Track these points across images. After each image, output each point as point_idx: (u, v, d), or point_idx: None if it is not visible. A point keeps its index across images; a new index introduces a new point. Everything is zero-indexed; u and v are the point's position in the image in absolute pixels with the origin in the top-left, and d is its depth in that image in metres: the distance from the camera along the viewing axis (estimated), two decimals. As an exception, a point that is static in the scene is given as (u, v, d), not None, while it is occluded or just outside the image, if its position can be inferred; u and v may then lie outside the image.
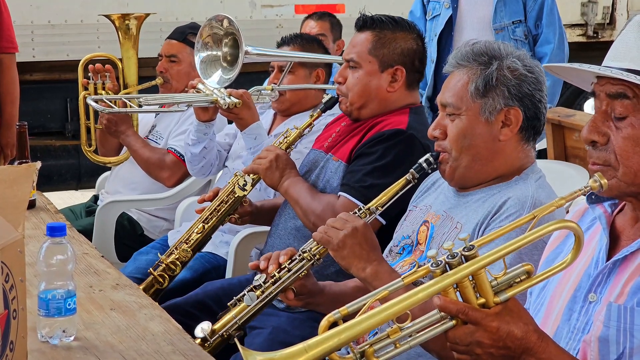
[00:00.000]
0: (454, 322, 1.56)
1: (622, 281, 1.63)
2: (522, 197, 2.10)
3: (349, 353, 1.57)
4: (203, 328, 2.28)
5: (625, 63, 1.62)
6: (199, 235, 3.08)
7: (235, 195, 3.02)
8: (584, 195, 1.64)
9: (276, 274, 2.27)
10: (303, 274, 2.26)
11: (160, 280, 3.08)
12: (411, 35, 2.88)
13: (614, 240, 1.71)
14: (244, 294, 2.32)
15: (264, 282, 2.28)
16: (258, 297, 2.29)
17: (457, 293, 1.56)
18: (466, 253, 1.54)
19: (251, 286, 2.31)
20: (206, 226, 3.07)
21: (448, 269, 1.54)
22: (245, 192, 3.01)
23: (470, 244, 1.54)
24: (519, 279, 1.57)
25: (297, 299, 2.29)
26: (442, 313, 1.56)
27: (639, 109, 1.61)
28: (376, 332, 1.62)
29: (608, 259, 1.68)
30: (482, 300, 1.55)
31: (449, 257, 1.54)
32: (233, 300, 2.37)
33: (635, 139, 1.62)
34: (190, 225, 3.13)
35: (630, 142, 1.62)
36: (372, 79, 2.84)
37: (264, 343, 2.62)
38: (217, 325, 2.35)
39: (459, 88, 2.19)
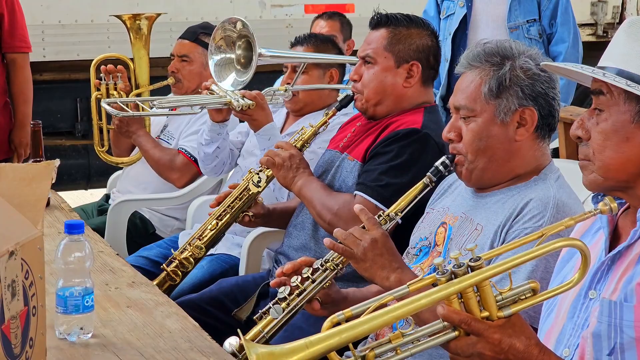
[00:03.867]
0: (456, 332, 1.56)
1: (617, 276, 1.65)
2: (545, 198, 2.09)
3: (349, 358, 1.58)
4: (231, 343, 2.28)
5: (609, 62, 1.68)
6: (213, 231, 3.08)
7: (250, 192, 3.03)
8: (594, 216, 1.64)
9: (300, 285, 2.27)
10: (327, 284, 2.27)
11: (174, 276, 3.09)
12: (425, 32, 2.88)
13: (617, 239, 1.72)
14: (270, 307, 2.30)
15: (289, 295, 2.28)
16: (284, 310, 2.28)
17: (462, 305, 1.57)
18: (472, 264, 1.54)
19: (276, 299, 2.30)
20: (220, 223, 3.07)
21: (454, 278, 1.54)
22: (260, 189, 3.02)
23: (477, 255, 1.55)
24: (524, 296, 1.58)
25: (321, 308, 2.29)
26: (445, 323, 1.57)
27: (611, 104, 1.65)
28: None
29: None
30: (485, 314, 1.56)
31: (455, 266, 1.54)
32: (259, 314, 2.36)
33: (605, 133, 1.65)
34: (204, 222, 3.14)
35: (602, 135, 1.66)
36: (388, 74, 2.84)
37: (279, 340, 2.62)
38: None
39: (472, 90, 2.18)
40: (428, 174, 2.28)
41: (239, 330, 1.72)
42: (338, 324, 1.57)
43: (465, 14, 4.38)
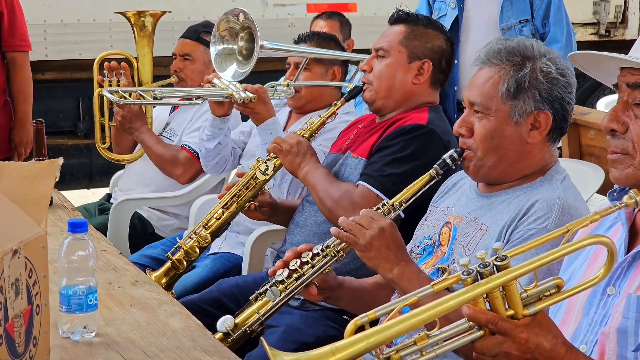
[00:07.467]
0: (481, 332, 1.54)
1: None
2: (550, 200, 2.09)
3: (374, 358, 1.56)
4: (226, 322, 2.27)
5: None
6: (219, 220, 3.06)
7: (257, 181, 3.02)
8: (620, 210, 1.61)
9: (299, 269, 2.26)
10: (326, 270, 2.26)
11: (178, 264, 3.07)
12: (442, 36, 2.92)
13: (634, 235, 1.71)
14: (267, 289, 2.30)
15: (287, 278, 2.27)
16: (281, 293, 2.28)
17: (487, 303, 1.55)
18: (498, 263, 1.52)
19: (274, 281, 2.30)
20: (226, 212, 3.06)
21: (479, 278, 1.53)
22: (267, 177, 3.00)
23: (503, 254, 1.53)
24: (548, 293, 1.56)
25: (318, 293, 2.29)
26: (471, 322, 1.55)
27: None
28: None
29: (627, 253, 1.68)
30: (511, 312, 1.54)
31: (481, 266, 1.52)
32: (255, 294, 2.36)
33: None
34: (210, 210, 3.12)
35: None
36: (399, 69, 2.86)
37: (277, 342, 2.62)
38: (239, 319, 2.34)
39: (489, 87, 2.17)
40: (435, 166, 2.26)
41: (262, 339, 1.71)
42: (362, 326, 1.55)
43: (457, 15, 4.34)
